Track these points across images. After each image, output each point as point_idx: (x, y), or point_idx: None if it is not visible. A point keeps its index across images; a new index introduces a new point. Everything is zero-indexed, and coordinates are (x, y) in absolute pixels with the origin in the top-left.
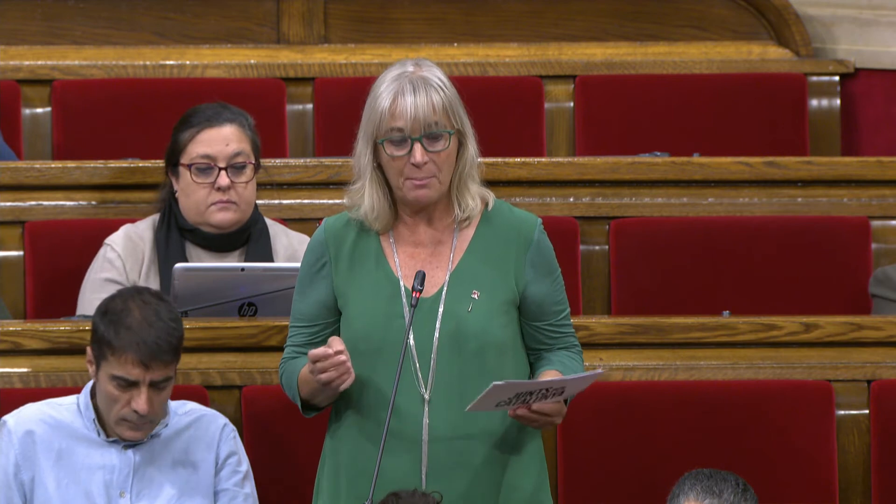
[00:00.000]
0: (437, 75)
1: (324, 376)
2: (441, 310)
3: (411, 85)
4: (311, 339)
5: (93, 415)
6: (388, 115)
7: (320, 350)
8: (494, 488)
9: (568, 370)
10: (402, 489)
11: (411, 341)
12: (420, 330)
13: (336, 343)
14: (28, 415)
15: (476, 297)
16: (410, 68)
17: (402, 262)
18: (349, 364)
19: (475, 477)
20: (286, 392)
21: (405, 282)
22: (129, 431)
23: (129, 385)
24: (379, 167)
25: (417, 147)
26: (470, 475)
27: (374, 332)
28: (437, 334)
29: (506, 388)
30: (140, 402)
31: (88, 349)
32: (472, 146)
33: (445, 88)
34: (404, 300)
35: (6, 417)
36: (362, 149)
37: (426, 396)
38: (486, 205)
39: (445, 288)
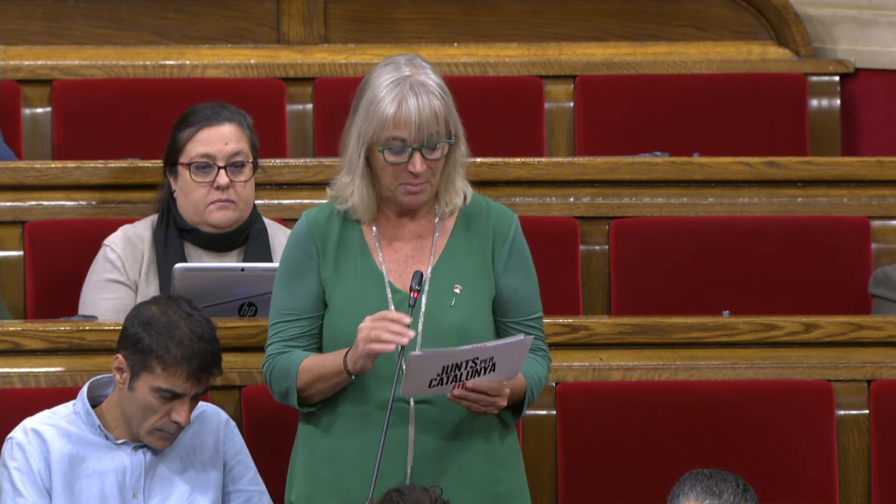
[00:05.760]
0: (433, 79)
1: (385, 336)
2: (424, 304)
3: (413, 92)
4: (304, 332)
5: (97, 421)
6: (392, 124)
7: (397, 314)
8: (478, 482)
9: (528, 370)
10: (402, 485)
11: None
12: None
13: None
14: (33, 426)
15: (458, 291)
16: (407, 71)
17: (385, 257)
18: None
19: (460, 470)
20: (273, 386)
21: (389, 276)
22: (160, 441)
23: (173, 397)
24: (368, 163)
25: (417, 156)
26: (455, 468)
27: (358, 325)
28: (420, 329)
29: (426, 358)
30: (182, 414)
31: (120, 356)
32: (462, 147)
33: (443, 94)
34: (388, 293)
35: (12, 434)
36: (355, 147)
37: None
38: (465, 198)
39: (428, 283)
